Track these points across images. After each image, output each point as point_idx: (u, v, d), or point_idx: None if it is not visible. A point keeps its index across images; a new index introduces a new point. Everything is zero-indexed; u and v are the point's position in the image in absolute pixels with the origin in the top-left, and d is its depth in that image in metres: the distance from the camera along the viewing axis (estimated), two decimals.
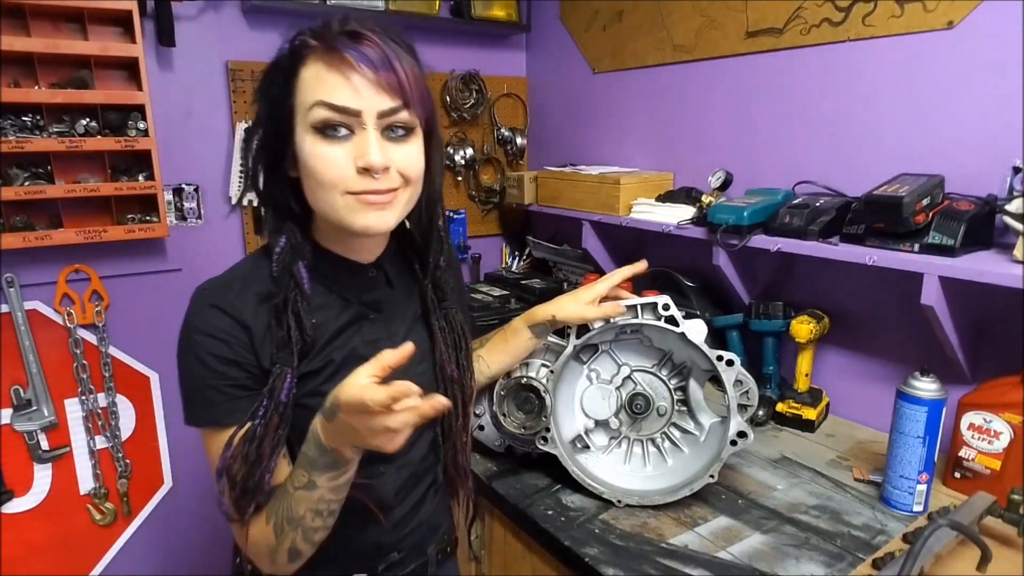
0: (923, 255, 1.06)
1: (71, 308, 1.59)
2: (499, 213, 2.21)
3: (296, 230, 0.75)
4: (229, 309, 0.71)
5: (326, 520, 0.70)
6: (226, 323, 0.71)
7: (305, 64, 0.69)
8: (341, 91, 0.67)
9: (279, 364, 0.71)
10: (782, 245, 1.24)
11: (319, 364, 0.75)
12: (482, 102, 2.06)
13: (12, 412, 1.56)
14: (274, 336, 0.72)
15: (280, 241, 0.74)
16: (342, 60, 0.67)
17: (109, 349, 1.65)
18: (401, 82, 0.68)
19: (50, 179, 1.47)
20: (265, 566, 0.75)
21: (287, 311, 0.71)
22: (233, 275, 0.76)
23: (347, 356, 0.77)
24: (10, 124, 1.40)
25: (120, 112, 1.48)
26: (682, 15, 1.60)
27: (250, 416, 0.70)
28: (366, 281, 0.80)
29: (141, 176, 1.53)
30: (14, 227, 1.43)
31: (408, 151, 0.71)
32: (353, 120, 0.68)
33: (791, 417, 1.34)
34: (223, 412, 0.72)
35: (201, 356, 0.71)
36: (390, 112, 0.69)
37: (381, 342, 0.78)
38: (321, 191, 0.70)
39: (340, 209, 0.70)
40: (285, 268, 0.73)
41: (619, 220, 1.60)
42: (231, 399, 0.72)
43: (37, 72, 1.43)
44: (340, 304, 0.78)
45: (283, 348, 0.71)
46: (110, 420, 1.68)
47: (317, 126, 0.68)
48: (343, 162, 0.68)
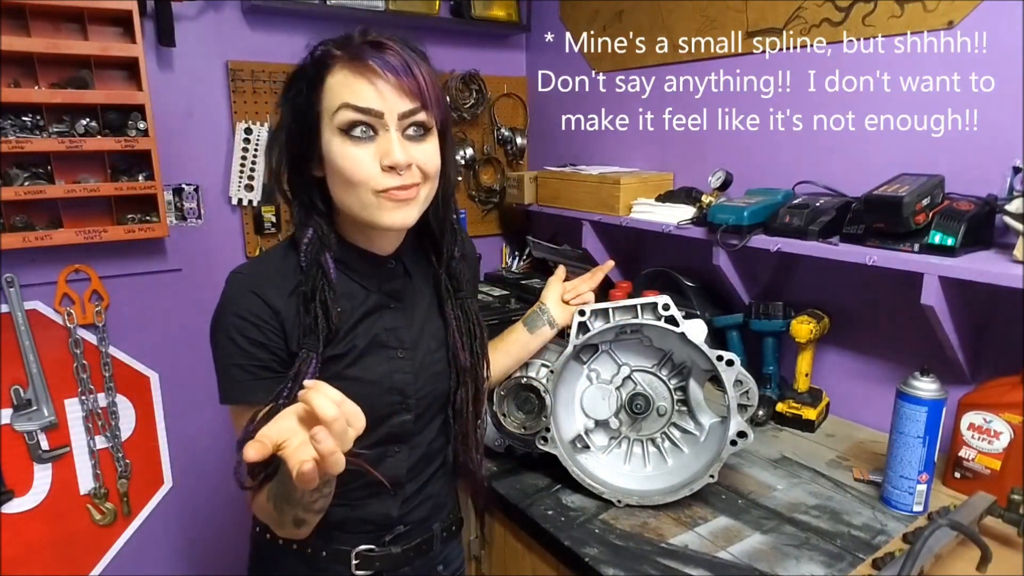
0: (923, 255, 1.06)
1: (71, 308, 1.58)
2: (499, 213, 2.21)
3: (322, 223, 0.80)
4: (264, 296, 0.77)
5: (322, 490, 0.71)
6: (260, 308, 0.76)
7: (331, 72, 0.74)
8: (365, 94, 0.72)
9: (305, 349, 0.75)
10: (782, 245, 1.24)
11: (343, 349, 0.80)
12: (482, 102, 2.06)
13: (12, 412, 1.56)
14: (302, 322, 0.77)
15: (308, 233, 0.79)
16: (366, 67, 0.72)
17: (109, 349, 1.65)
18: (420, 86, 0.73)
19: (50, 179, 1.47)
20: (277, 531, 0.80)
21: (315, 299, 0.76)
22: (267, 263, 0.82)
23: (370, 342, 0.82)
24: (10, 124, 1.40)
25: (120, 112, 1.48)
26: (682, 15, 1.60)
27: (275, 396, 0.72)
28: (386, 272, 0.85)
29: (141, 176, 1.53)
30: (14, 227, 1.43)
31: (426, 149, 0.76)
32: (376, 121, 0.73)
33: (791, 417, 1.34)
34: (248, 390, 0.77)
35: (233, 336, 0.76)
36: (410, 113, 0.74)
37: (400, 330, 0.85)
38: (349, 189, 0.75)
39: (367, 206, 0.75)
40: (313, 259, 0.78)
41: (619, 220, 1.60)
42: (256, 379, 0.77)
43: (37, 72, 1.43)
44: (363, 293, 0.83)
45: (310, 334, 0.76)
46: (110, 420, 1.68)
47: (343, 127, 0.73)
48: (369, 162, 0.73)
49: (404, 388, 0.84)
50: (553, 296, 1.09)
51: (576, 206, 1.73)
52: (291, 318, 0.77)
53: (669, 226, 1.47)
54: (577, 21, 1.91)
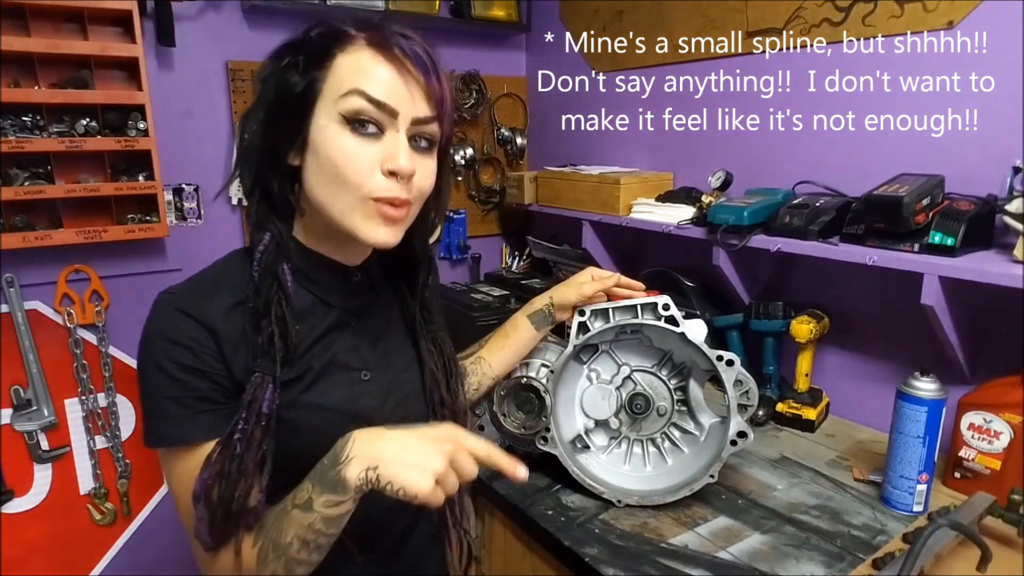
0: (923, 255, 1.06)
1: (71, 308, 1.59)
2: (499, 213, 2.21)
3: (281, 227, 0.69)
4: (195, 313, 0.65)
5: (311, 555, 0.64)
6: (192, 328, 0.65)
7: (345, 50, 0.64)
8: (384, 85, 0.63)
9: (259, 372, 0.65)
10: (782, 245, 1.24)
11: (297, 372, 0.69)
12: (482, 102, 2.06)
13: (12, 412, 1.56)
14: (251, 342, 0.66)
15: (264, 238, 0.68)
16: (392, 55, 0.63)
17: (109, 349, 1.65)
18: (442, 93, 0.66)
19: (50, 179, 1.47)
20: None
21: (268, 315, 0.66)
22: (201, 278, 0.71)
23: (327, 364, 0.72)
24: (10, 124, 1.40)
25: (120, 112, 1.48)
26: (682, 15, 1.60)
27: (229, 431, 0.63)
28: (351, 286, 0.76)
29: (141, 176, 1.53)
30: (14, 227, 1.43)
31: (427, 166, 0.69)
32: (387, 119, 0.64)
33: (791, 417, 1.34)
34: (183, 428, 0.65)
35: (162, 364, 0.65)
36: (424, 121, 0.66)
37: (363, 350, 0.75)
38: (336, 187, 0.65)
39: (351, 213, 0.65)
40: (268, 269, 0.67)
41: (619, 220, 1.60)
42: (193, 413, 0.65)
43: (37, 72, 1.43)
44: (322, 309, 0.73)
45: (264, 355, 0.65)
46: (110, 420, 1.68)
47: (348, 116, 0.63)
48: (369, 163, 0.64)
49: (371, 414, 0.73)
50: (567, 300, 1.03)
51: (576, 206, 1.73)
52: (233, 338, 0.66)
53: (669, 226, 1.47)
54: (577, 21, 1.91)
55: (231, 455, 0.63)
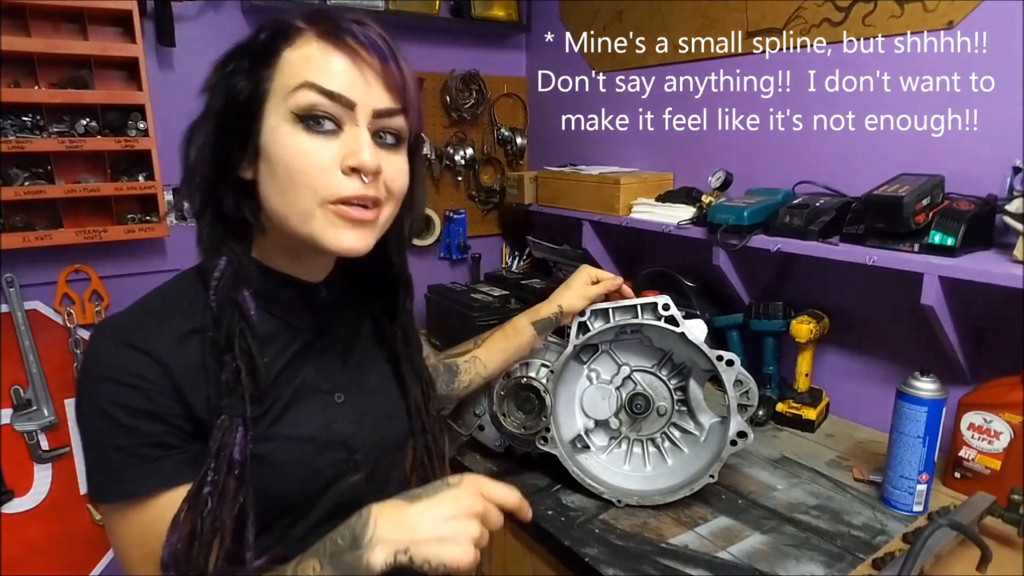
0: (923, 255, 1.06)
1: (71, 308, 1.58)
2: (499, 213, 2.20)
3: (239, 249, 0.62)
4: (142, 345, 0.57)
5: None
6: (139, 364, 0.56)
7: (292, 45, 0.58)
8: (337, 76, 0.57)
9: (226, 414, 0.57)
10: (782, 245, 1.24)
11: (266, 405, 0.62)
12: (482, 102, 2.06)
13: (12, 412, 1.56)
14: (212, 377, 0.58)
15: (220, 264, 0.61)
16: (342, 42, 0.57)
17: None
18: (405, 82, 0.60)
19: (50, 179, 1.47)
20: None
21: (232, 349, 0.58)
22: (146, 305, 0.63)
23: (296, 390, 0.65)
24: (10, 124, 1.40)
25: (120, 112, 1.48)
26: (682, 15, 1.60)
27: (196, 484, 0.56)
28: (315, 304, 0.69)
29: (141, 176, 1.53)
30: (14, 227, 1.43)
31: (397, 162, 0.62)
32: (344, 113, 0.58)
33: (791, 417, 1.34)
34: (136, 481, 0.56)
35: (106, 409, 0.56)
36: (386, 113, 0.60)
37: (333, 371, 0.69)
38: (292, 192, 0.58)
39: (311, 218, 0.58)
40: (227, 297, 0.60)
41: (619, 220, 1.60)
42: (147, 462, 0.56)
43: (37, 72, 1.43)
44: (287, 333, 0.66)
45: (230, 394, 0.58)
46: None
47: (300, 113, 0.57)
48: (327, 162, 0.57)
49: (348, 440, 0.68)
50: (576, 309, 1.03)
51: (576, 206, 1.73)
52: (189, 371, 0.58)
53: (669, 226, 1.47)
54: (577, 21, 1.91)
55: (202, 512, 0.55)
